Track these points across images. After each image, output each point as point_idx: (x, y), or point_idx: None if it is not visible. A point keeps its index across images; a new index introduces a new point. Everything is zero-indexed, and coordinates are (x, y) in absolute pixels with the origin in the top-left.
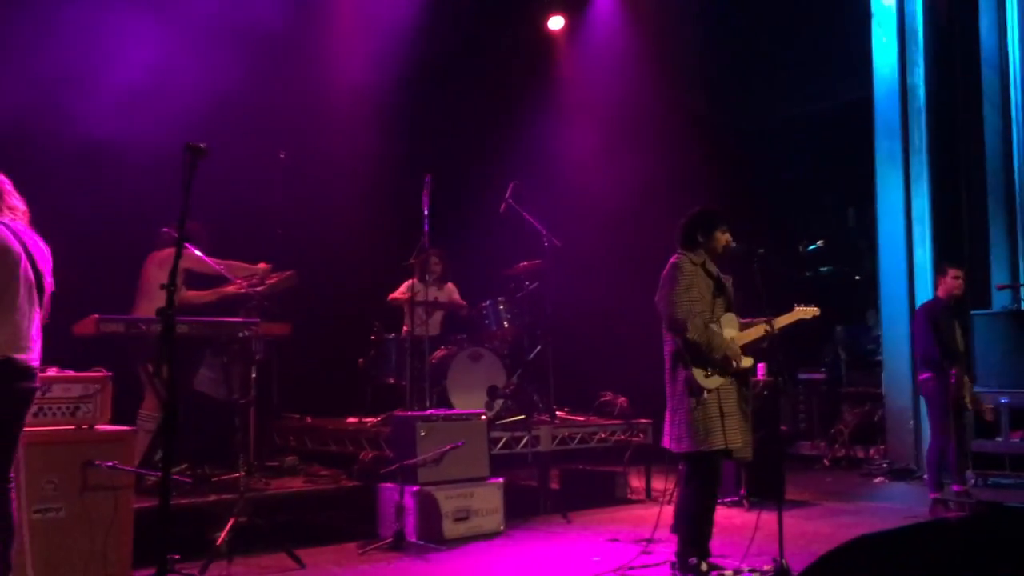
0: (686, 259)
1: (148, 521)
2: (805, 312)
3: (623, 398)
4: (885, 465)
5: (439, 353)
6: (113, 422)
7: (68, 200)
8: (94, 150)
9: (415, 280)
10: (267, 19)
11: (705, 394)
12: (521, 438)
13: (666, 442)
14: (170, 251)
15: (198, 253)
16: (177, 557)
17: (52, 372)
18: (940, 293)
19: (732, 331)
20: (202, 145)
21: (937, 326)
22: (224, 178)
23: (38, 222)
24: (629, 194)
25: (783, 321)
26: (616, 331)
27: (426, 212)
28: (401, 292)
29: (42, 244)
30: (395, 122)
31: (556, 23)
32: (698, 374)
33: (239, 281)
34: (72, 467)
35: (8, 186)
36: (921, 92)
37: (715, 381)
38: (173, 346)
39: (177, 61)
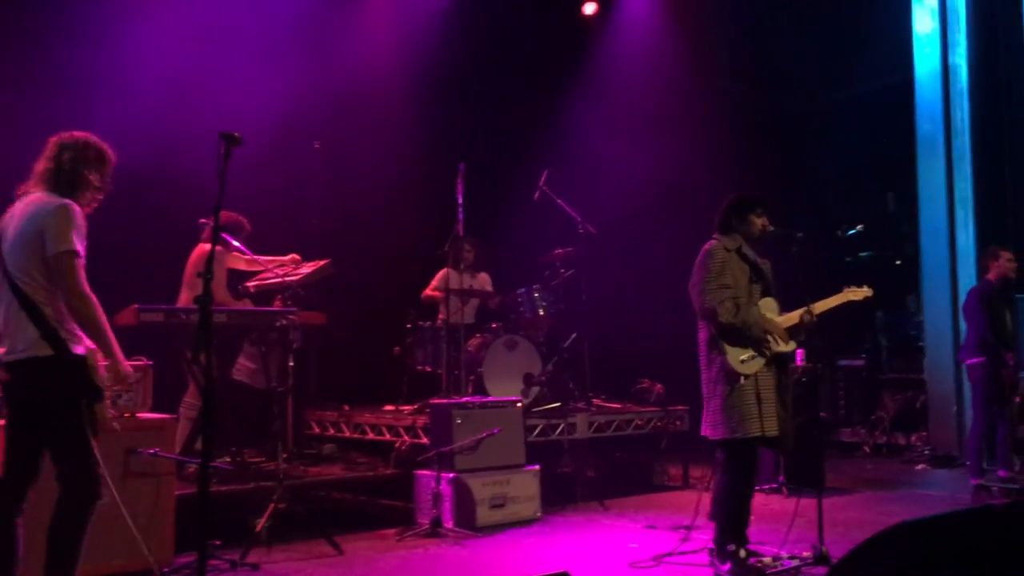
0: (719, 245)
1: (189, 508)
2: (855, 293)
3: (659, 385)
4: (927, 452)
5: (475, 341)
6: (155, 411)
7: (111, 195)
8: (134, 143)
9: (448, 269)
10: (301, 7)
11: (742, 380)
12: (557, 425)
13: (703, 430)
14: (210, 244)
15: (236, 244)
16: (218, 543)
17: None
18: (991, 277)
19: (771, 316)
20: (236, 134)
21: (991, 309)
22: (259, 168)
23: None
24: (666, 180)
25: (829, 304)
26: (652, 318)
27: (460, 200)
28: (433, 288)
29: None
30: (428, 110)
31: (589, 7)
32: (733, 360)
33: (275, 271)
34: (115, 454)
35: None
36: (963, 73)
37: (751, 367)
38: (210, 334)
39: (212, 51)
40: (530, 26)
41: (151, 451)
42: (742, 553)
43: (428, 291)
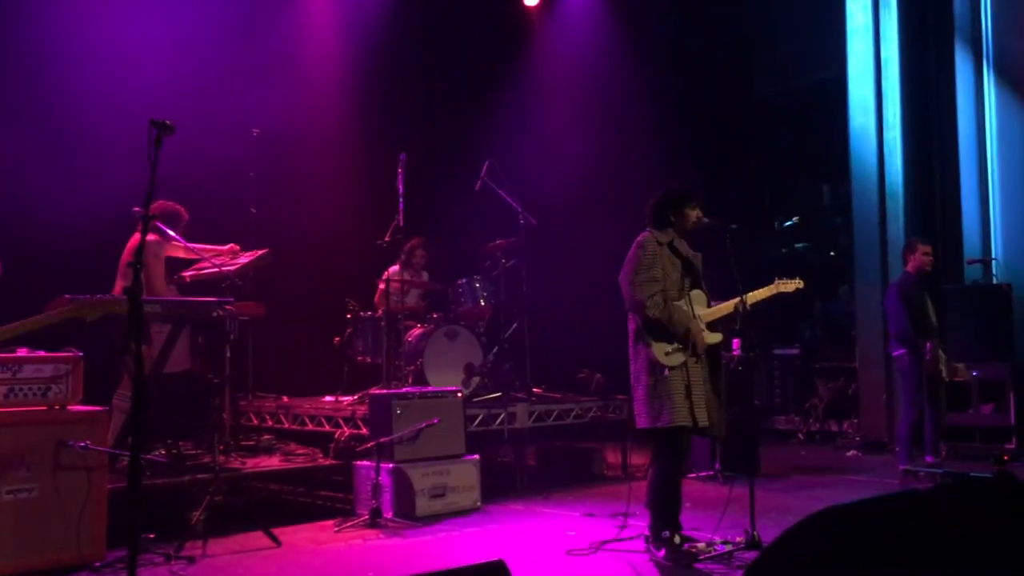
0: (651, 238)
1: (123, 501)
2: (786, 285)
3: (599, 375)
4: (858, 439)
5: (415, 331)
6: (88, 403)
7: (41, 181)
8: (69, 130)
9: (398, 267)
10: None
11: (666, 372)
12: (497, 415)
13: (636, 421)
14: (149, 234)
15: (172, 233)
16: (152, 536)
17: (22, 352)
18: (910, 268)
19: (700, 308)
20: (168, 122)
21: (910, 301)
22: (197, 157)
23: (16, 206)
24: (605, 172)
25: (759, 295)
26: (592, 308)
27: (401, 190)
28: (383, 286)
29: None
30: (369, 99)
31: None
32: (658, 352)
33: (212, 260)
34: (44, 448)
35: None
36: (895, 67)
37: (676, 359)
38: (140, 325)
39: (149, 36)
40: (472, 17)
41: (81, 444)
42: (676, 539)
43: (381, 289)
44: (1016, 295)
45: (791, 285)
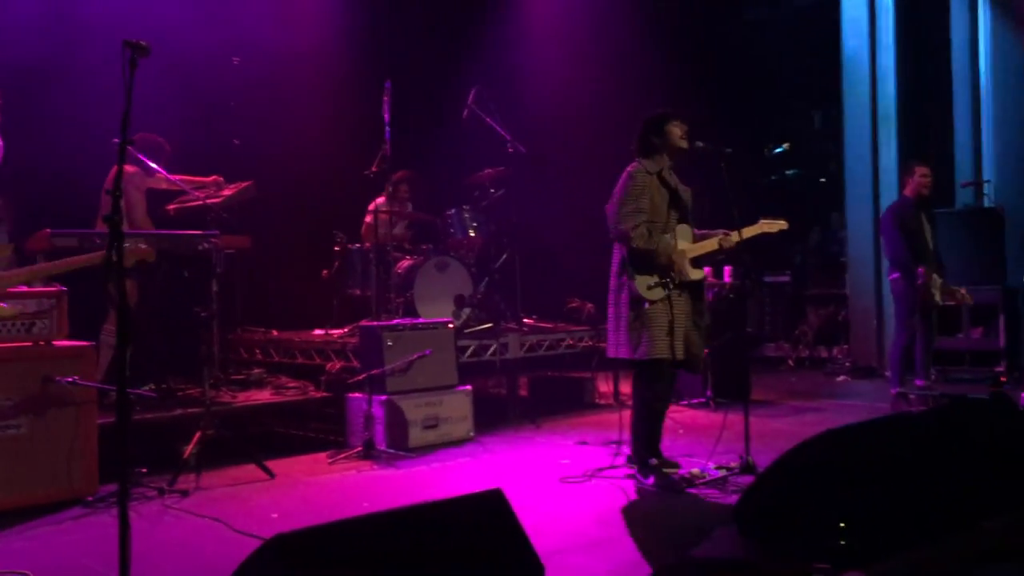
0: (641, 168)
1: (114, 436)
2: (770, 226)
3: (590, 304)
4: (848, 364)
5: (405, 263)
6: (76, 339)
7: (22, 112)
8: (43, 60)
9: (384, 198)
10: None
11: (646, 305)
12: (489, 346)
13: (608, 350)
14: (127, 166)
15: (154, 165)
16: (145, 471)
17: None
18: (908, 192)
19: (685, 243)
20: (143, 42)
21: (906, 226)
22: (177, 88)
23: None
24: (593, 98)
25: (746, 234)
26: (582, 238)
27: (387, 118)
28: (370, 218)
29: None
30: (353, 26)
31: None
32: (640, 285)
33: (196, 193)
34: (30, 384)
35: None
36: None
37: (657, 293)
38: (121, 255)
39: None
40: None
41: (68, 379)
42: (658, 464)
43: (367, 222)
44: (1008, 218)
45: (775, 226)
